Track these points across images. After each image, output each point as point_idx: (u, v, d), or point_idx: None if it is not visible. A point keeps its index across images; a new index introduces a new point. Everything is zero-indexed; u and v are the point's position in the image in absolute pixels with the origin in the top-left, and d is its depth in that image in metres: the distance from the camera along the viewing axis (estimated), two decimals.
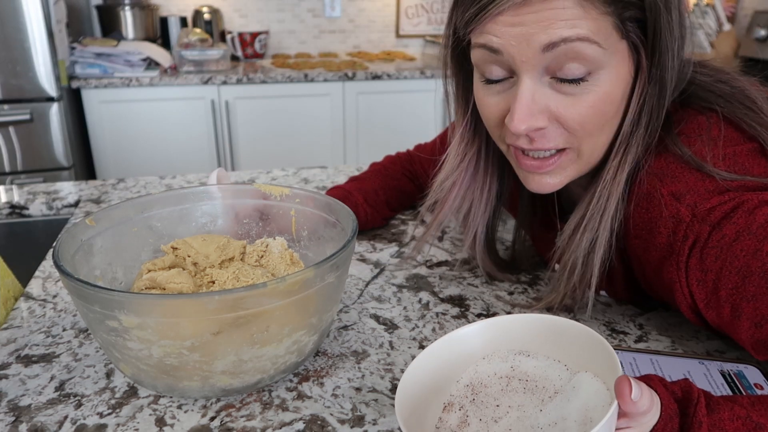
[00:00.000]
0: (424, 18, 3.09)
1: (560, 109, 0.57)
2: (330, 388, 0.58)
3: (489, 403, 0.45)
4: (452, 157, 0.72)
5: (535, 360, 0.47)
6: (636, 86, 0.58)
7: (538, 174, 0.63)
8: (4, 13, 2.00)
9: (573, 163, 0.62)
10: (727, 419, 0.44)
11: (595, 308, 0.72)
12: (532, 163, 0.62)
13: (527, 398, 0.44)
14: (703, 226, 0.55)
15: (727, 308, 0.54)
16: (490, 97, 0.61)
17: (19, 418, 0.53)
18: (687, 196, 0.56)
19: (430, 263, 0.84)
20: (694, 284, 0.56)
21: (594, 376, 0.43)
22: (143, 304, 0.50)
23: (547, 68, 0.55)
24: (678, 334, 0.67)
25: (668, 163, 0.58)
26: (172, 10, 2.80)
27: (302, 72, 2.48)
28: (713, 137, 0.58)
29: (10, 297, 0.72)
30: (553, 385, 0.44)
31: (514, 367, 0.47)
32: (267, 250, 0.70)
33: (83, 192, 1.10)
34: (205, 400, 0.56)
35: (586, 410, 0.41)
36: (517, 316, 0.49)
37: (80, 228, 0.61)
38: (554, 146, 0.60)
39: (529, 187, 0.65)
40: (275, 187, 0.72)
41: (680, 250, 0.56)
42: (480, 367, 0.48)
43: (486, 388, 0.46)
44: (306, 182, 1.18)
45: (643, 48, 0.56)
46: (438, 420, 0.45)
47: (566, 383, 0.44)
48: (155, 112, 2.39)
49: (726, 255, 0.53)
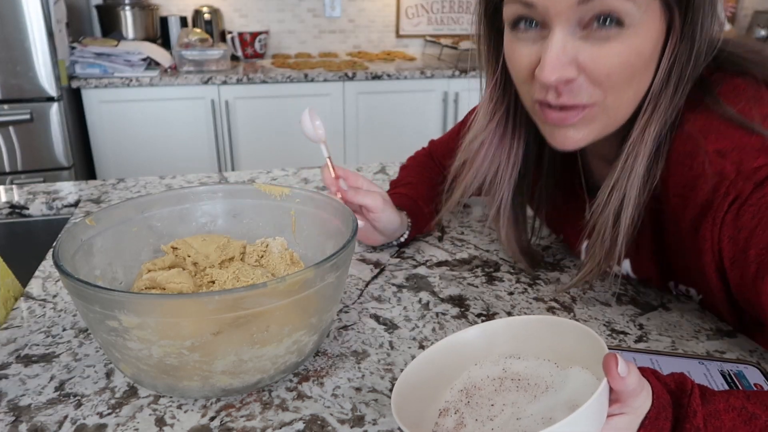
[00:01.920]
0: (424, 18, 3.09)
1: (589, 60, 0.57)
2: (330, 388, 0.58)
3: (483, 404, 0.45)
4: (481, 116, 0.72)
5: (526, 361, 0.48)
6: (667, 46, 0.58)
7: (563, 128, 0.62)
8: (4, 13, 2.00)
9: (598, 117, 0.61)
10: (722, 410, 0.44)
11: (594, 308, 0.72)
12: (557, 115, 0.61)
13: (520, 395, 0.45)
14: (746, 184, 0.54)
15: (753, 268, 0.54)
16: (521, 49, 0.61)
17: (19, 418, 0.53)
18: (733, 153, 0.56)
19: (430, 263, 0.84)
20: (725, 241, 0.56)
21: (583, 368, 0.44)
22: (143, 304, 0.50)
23: (579, 21, 0.56)
24: (678, 334, 0.67)
25: (712, 121, 0.58)
26: (172, 10, 2.80)
27: (302, 72, 2.48)
28: (756, 97, 0.58)
29: (10, 297, 0.72)
30: (544, 382, 0.45)
31: (506, 369, 0.48)
32: (267, 250, 0.70)
33: (83, 192, 1.10)
34: (205, 400, 0.56)
35: (574, 398, 0.42)
36: (507, 320, 0.50)
37: (80, 228, 0.61)
38: (580, 101, 0.59)
39: (553, 142, 0.64)
40: (275, 187, 0.72)
41: (719, 206, 0.56)
42: (472, 372, 0.49)
43: (480, 391, 0.47)
44: (306, 182, 1.18)
45: (677, 6, 0.56)
46: (435, 425, 0.46)
47: (557, 379, 0.45)
48: (155, 112, 2.39)
49: (763, 214, 0.53)
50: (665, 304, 0.74)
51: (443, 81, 2.61)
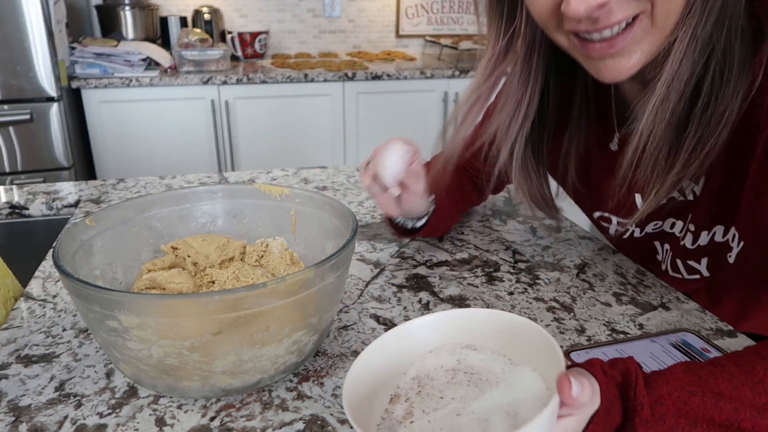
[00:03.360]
0: (424, 18, 3.09)
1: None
2: (330, 388, 0.58)
3: (434, 395, 0.45)
4: (480, 72, 0.69)
5: (482, 354, 0.48)
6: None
7: (610, 58, 0.57)
8: (4, 13, 2.00)
9: (647, 33, 0.55)
10: (665, 394, 0.46)
11: (594, 308, 0.72)
12: (600, 45, 0.56)
13: (470, 391, 0.45)
14: None
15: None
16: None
17: (19, 418, 0.53)
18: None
19: (431, 263, 0.84)
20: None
21: (533, 370, 0.44)
22: (143, 304, 0.50)
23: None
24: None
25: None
26: (172, 10, 2.80)
27: (302, 72, 2.48)
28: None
29: (10, 297, 0.73)
30: (495, 378, 0.45)
31: (461, 360, 0.48)
32: (267, 250, 0.70)
33: (83, 192, 1.10)
34: (205, 400, 0.56)
35: (516, 404, 0.42)
36: (469, 311, 0.50)
37: (80, 228, 0.61)
38: (624, 17, 0.53)
39: (602, 77, 0.59)
40: (275, 187, 0.72)
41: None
42: (427, 360, 0.48)
43: (432, 381, 0.46)
44: (306, 182, 1.18)
45: None
46: (384, 411, 0.46)
47: (508, 376, 0.45)
48: (155, 112, 2.39)
49: None
50: (665, 304, 0.74)
51: (443, 81, 2.61)
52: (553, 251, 0.88)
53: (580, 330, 0.68)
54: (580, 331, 0.68)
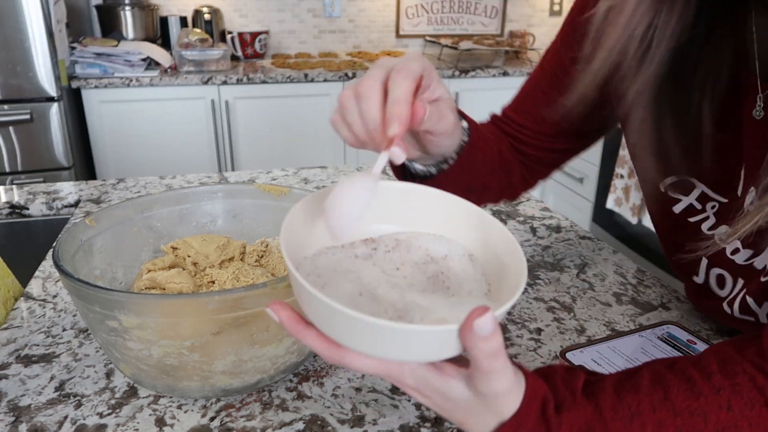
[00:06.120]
0: (424, 18, 3.09)
1: None
2: (330, 388, 0.58)
3: (394, 262, 0.43)
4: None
5: (470, 265, 0.44)
6: None
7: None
8: (4, 13, 2.00)
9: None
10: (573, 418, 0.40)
11: (594, 308, 0.72)
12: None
13: (427, 286, 0.42)
14: None
15: None
16: None
17: (19, 418, 0.54)
18: None
19: None
20: None
21: (486, 297, 0.41)
22: (143, 304, 0.50)
23: None
24: None
25: None
26: (172, 10, 2.80)
27: (302, 72, 2.48)
28: None
29: (10, 297, 0.73)
30: (460, 287, 0.42)
31: (449, 255, 0.45)
32: (267, 250, 0.70)
33: (83, 192, 1.10)
34: (205, 400, 0.56)
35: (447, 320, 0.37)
36: (443, 194, 0.48)
37: (80, 228, 0.61)
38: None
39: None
40: (275, 187, 0.72)
41: None
42: (420, 238, 0.46)
43: (407, 254, 0.44)
44: (306, 182, 1.18)
45: None
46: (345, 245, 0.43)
47: (478, 291, 0.42)
48: (155, 112, 2.39)
49: None
50: (665, 304, 0.74)
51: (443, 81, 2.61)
52: (553, 251, 0.88)
53: (580, 330, 0.68)
54: (580, 331, 0.68)
